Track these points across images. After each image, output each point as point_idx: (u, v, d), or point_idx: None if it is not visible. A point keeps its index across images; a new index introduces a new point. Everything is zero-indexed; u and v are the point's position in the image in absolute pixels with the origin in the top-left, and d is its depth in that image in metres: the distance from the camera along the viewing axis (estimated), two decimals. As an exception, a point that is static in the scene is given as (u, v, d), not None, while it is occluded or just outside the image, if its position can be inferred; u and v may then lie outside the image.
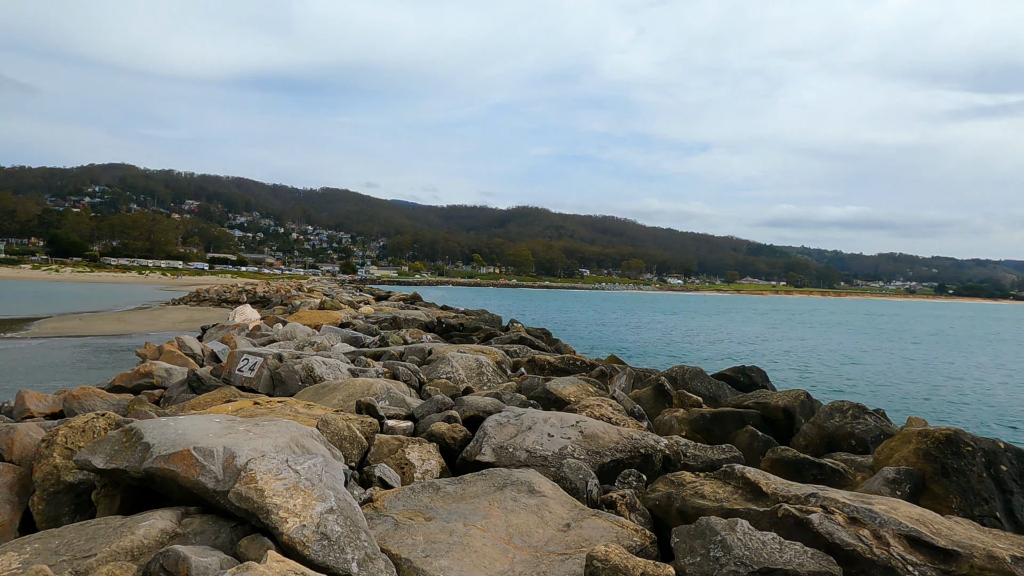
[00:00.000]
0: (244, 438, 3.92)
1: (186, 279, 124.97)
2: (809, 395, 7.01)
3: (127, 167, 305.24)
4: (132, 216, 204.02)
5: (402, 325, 17.43)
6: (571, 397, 7.00)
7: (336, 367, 8.06)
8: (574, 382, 7.47)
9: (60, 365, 19.55)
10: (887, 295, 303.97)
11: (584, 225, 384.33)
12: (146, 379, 8.82)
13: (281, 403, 5.73)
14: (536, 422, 5.10)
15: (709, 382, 8.41)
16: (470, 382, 8.86)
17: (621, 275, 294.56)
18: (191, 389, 8.41)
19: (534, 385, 7.94)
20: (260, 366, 7.74)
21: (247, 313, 16.95)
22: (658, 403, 7.68)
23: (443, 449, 5.11)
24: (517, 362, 10.54)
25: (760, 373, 9.15)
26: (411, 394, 7.69)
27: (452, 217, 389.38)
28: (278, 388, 7.78)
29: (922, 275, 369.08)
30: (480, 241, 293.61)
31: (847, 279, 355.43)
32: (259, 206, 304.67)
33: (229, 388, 7.76)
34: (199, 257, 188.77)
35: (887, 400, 18.82)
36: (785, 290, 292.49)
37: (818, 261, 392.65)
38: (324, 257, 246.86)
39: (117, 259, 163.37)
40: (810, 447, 6.17)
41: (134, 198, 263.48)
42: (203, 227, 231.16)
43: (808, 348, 36.26)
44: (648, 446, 4.97)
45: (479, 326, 17.11)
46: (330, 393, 6.97)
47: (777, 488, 3.96)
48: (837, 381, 22.59)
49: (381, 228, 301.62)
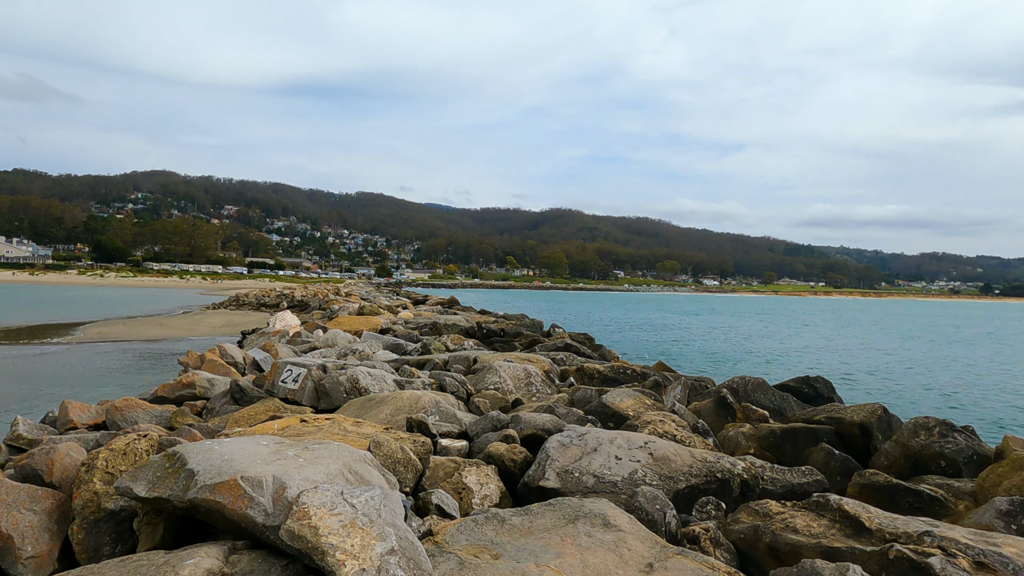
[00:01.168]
0: (294, 465, 3.62)
1: (225, 283, 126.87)
2: (886, 409, 6.52)
3: (168, 174, 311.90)
4: (173, 222, 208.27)
5: (442, 331, 17.17)
6: (630, 411, 6.62)
7: (381, 378, 7.78)
8: (630, 394, 7.08)
9: (104, 370, 19.72)
10: (930, 295, 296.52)
11: (618, 226, 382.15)
12: (188, 390, 8.65)
13: (329, 420, 5.44)
14: (601, 443, 4.73)
15: (773, 394, 7.94)
16: (518, 393, 8.52)
17: (656, 277, 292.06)
18: (233, 400, 8.21)
19: (588, 398, 7.57)
20: (304, 377, 7.49)
21: (287, 319, 16.84)
22: (720, 417, 7.25)
23: (502, 472, 4.77)
24: (565, 371, 10.17)
25: (826, 384, 8.63)
26: (459, 407, 7.37)
27: (485, 220, 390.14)
28: (322, 400, 7.53)
29: (966, 275, 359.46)
30: (513, 243, 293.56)
31: (888, 279, 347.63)
32: (296, 211, 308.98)
33: (272, 400, 7.53)
34: (238, 261, 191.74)
35: (957, 413, 17.93)
36: (824, 291, 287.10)
37: (858, 261, 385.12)
38: (360, 261, 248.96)
39: (159, 264, 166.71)
40: (893, 468, 5.70)
41: (175, 204, 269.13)
42: (242, 232, 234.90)
43: (861, 352, 35.21)
44: (725, 470, 4.57)
45: (521, 332, 16.78)
46: (377, 407, 6.69)
47: (882, 523, 3.54)
48: (908, 393, 21.57)
49: (415, 231, 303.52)
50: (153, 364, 21.64)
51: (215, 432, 6.83)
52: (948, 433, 5.69)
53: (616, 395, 6.95)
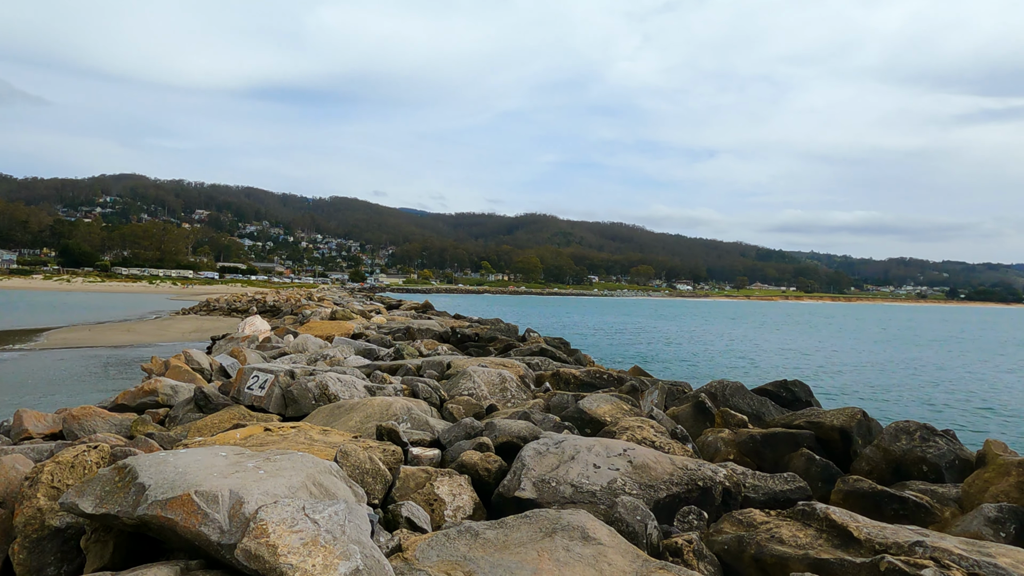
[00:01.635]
0: (253, 478, 3.40)
1: (196, 288, 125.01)
2: (866, 414, 6.43)
3: (138, 177, 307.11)
4: (143, 226, 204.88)
5: (416, 336, 16.91)
6: (607, 417, 6.46)
7: (351, 384, 7.55)
8: (607, 399, 6.92)
9: (66, 378, 19.15)
10: (898, 300, 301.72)
11: (592, 232, 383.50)
12: (151, 397, 8.32)
13: (295, 428, 5.20)
14: (579, 451, 4.56)
15: (751, 398, 7.83)
16: (493, 399, 8.33)
17: (630, 281, 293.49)
18: (198, 408, 7.91)
19: (564, 403, 7.40)
20: (271, 384, 7.23)
21: (257, 324, 16.44)
22: (699, 422, 7.12)
23: (475, 482, 4.57)
24: (540, 376, 10.00)
25: (804, 388, 8.56)
26: (432, 414, 7.16)
27: (460, 225, 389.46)
28: (290, 407, 7.27)
29: (933, 280, 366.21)
30: (488, 249, 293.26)
31: (857, 284, 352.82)
32: (269, 215, 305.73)
33: (238, 408, 7.25)
34: (209, 266, 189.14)
35: (934, 418, 18.07)
36: (795, 296, 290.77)
37: (828, 266, 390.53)
38: (333, 265, 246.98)
39: (128, 269, 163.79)
40: (875, 473, 5.60)
41: (145, 208, 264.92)
42: (213, 236, 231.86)
43: (824, 355, 35.54)
44: (706, 478, 4.42)
45: (495, 336, 16.59)
46: (346, 414, 6.46)
47: (871, 533, 3.40)
48: (881, 397, 21.67)
49: (390, 236, 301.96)
50: (119, 371, 21.07)
51: (176, 442, 6.55)
52: (929, 437, 5.62)
53: (593, 400, 6.79)
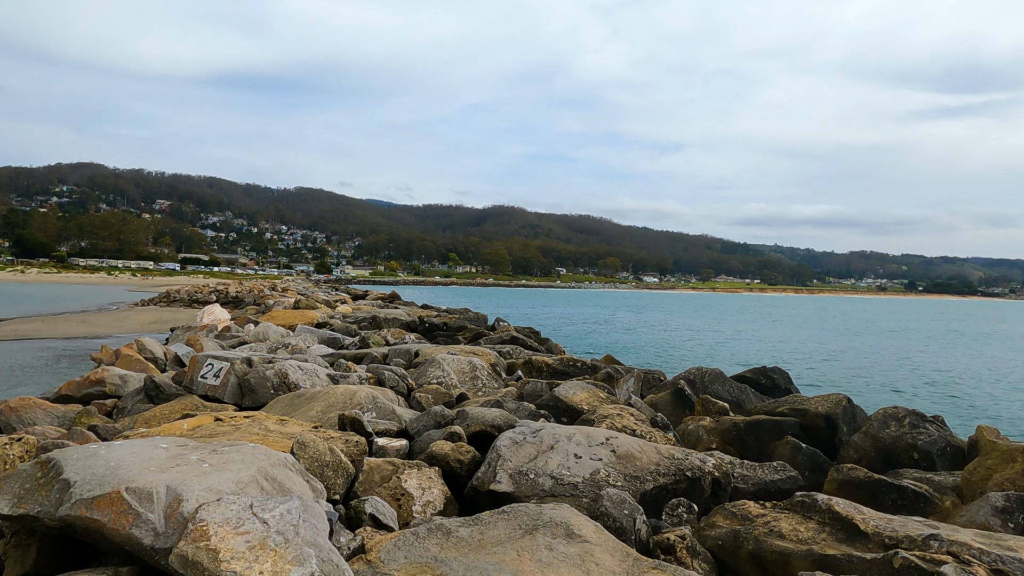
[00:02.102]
0: (196, 472, 3.00)
1: (157, 280, 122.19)
2: (851, 400, 6.22)
3: (96, 166, 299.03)
4: (101, 216, 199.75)
5: (383, 325, 16.45)
6: (584, 405, 6.14)
7: (313, 372, 7.13)
8: (584, 387, 6.61)
9: (14, 369, 18.31)
10: (859, 292, 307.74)
11: (560, 224, 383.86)
12: (97, 387, 7.80)
13: (249, 418, 4.78)
14: (559, 440, 4.23)
15: (731, 385, 7.59)
16: (463, 387, 7.97)
17: (597, 274, 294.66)
18: (148, 398, 7.43)
19: (538, 391, 7.07)
20: (226, 372, 6.77)
21: (216, 313, 15.80)
22: (678, 410, 6.85)
23: (447, 474, 4.22)
24: (512, 364, 9.67)
25: (783, 375, 8.34)
26: (399, 403, 6.78)
27: (427, 216, 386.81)
28: (247, 397, 6.83)
29: (892, 272, 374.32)
30: (456, 240, 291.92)
31: (820, 277, 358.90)
32: (232, 206, 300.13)
33: (191, 398, 6.80)
34: (170, 257, 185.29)
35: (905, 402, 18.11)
36: (759, 288, 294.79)
37: (791, 259, 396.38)
38: (298, 257, 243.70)
39: (86, 260, 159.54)
40: (863, 461, 5.37)
41: (103, 198, 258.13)
42: (175, 227, 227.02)
43: (798, 344, 35.83)
44: (695, 467, 4.12)
45: (464, 325, 16.22)
46: (307, 403, 6.05)
47: (879, 526, 3.13)
48: (858, 383, 21.69)
49: (356, 228, 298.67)
50: (71, 363, 20.25)
51: (119, 433, 6.08)
52: (919, 424, 5.40)
53: (569, 388, 6.47)
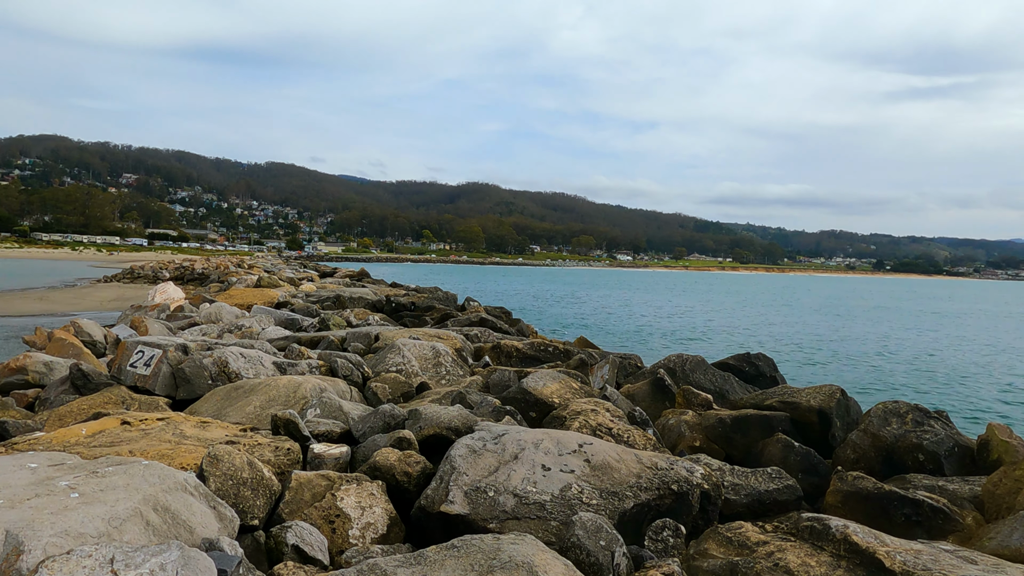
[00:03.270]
0: (57, 507, 2.36)
1: (123, 255, 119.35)
2: (844, 392, 5.71)
3: (60, 139, 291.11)
4: (65, 190, 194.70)
5: (347, 304, 15.72)
6: (555, 398, 5.55)
7: (258, 360, 6.46)
8: (555, 377, 6.03)
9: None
10: (828, 271, 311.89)
11: (534, 202, 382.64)
12: (19, 376, 7.05)
13: (163, 420, 4.10)
14: (524, 447, 3.64)
15: (713, 374, 7.05)
16: (425, 375, 7.36)
17: (571, 252, 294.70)
18: (75, 389, 6.70)
19: (505, 381, 6.48)
20: (158, 361, 6.07)
21: (169, 292, 14.94)
22: (657, 401, 6.30)
23: (392, 489, 3.61)
24: (479, 348, 9.07)
25: (768, 362, 7.81)
26: (351, 395, 6.14)
27: (401, 193, 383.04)
28: (182, 388, 6.14)
29: (861, 251, 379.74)
30: (430, 217, 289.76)
31: (790, 256, 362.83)
32: (201, 180, 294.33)
33: (118, 389, 6.09)
34: (138, 233, 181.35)
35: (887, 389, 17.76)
36: (731, 266, 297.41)
37: (762, 238, 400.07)
38: (270, 233, 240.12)
39: (49, 235, 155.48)
40: (862, 462, 4.86)
41: (67, 171, 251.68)
42: (142, 202, 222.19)
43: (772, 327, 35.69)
44: (681, 480, 3.56)
45: (432, 305, 15.56)
46: (245, 396, 5.39)
47: (907, 562, 2.59)
48: (837, 367, 21.35)
49: (328, 204, 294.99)
50: (19, 345, 19.26)
51: (33, 431, 5.38)
52: (924, 421, 4.91)
53: (539, 378, 5.88)
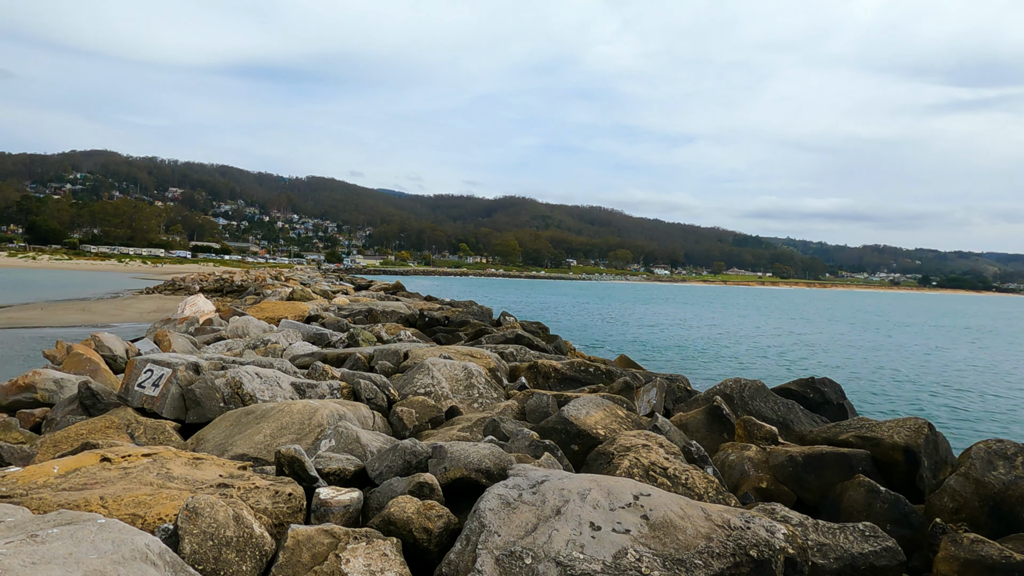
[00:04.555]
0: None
1: (166, 267, 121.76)
2: (932, 427, 4.99)
3: (109, 154, 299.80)
4: (113, 203, 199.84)
5: (379, 319, 15.27)
6: (600, 429, 4.93)
7: (275, 381, 5.95)
8: (598, 403, 5.41)
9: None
10: (872, 286, 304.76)
11: (571, 215, 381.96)
12: (27, 394, 6.67)
13: (149, 457, 3.57)
14: (568, 499, 3.03)
15: (775, 402, 6.35)
16: (456, 398, 6.78)
17: (608, 265, 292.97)
18: (83, 408, 6.28)
19: (543, 407, 5.86)
20: (167, 381, 5.61)
21: (198, 304, 14.65)
22: (713, 432, 5.62)
23: (409, 548, 3.04)
24: (515, 368, 8.47)
25: (834, 388, 7.05)
26: (374, 421, 5.59)
27: (438, 207, 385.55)
28: (192, 411, 5.66)
29: (906, 267, 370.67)
30: (467, 231, 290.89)
31: (832, 271, 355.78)
32: (244, 194, 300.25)
33: (124, 411, 5.64)
34: (182, 245, 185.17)
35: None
36: (771, 281, 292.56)
37: (803, 252, 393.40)
38: (310, 246, 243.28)
39: (97, 247, 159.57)
40: (964, 513, 4.15)
41: (116, 185, 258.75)
42: (187, 215, 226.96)
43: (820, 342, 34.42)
44: (760, 542, 2.92)
45: (467, 320, 15.02)
46: (256, 423, 4.88)
47: None
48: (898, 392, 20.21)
49: (367, 217, 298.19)
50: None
51: (29, 457, 4.94)
52: (1038, 465, 4.18)
53: (581, 406, 5.26)
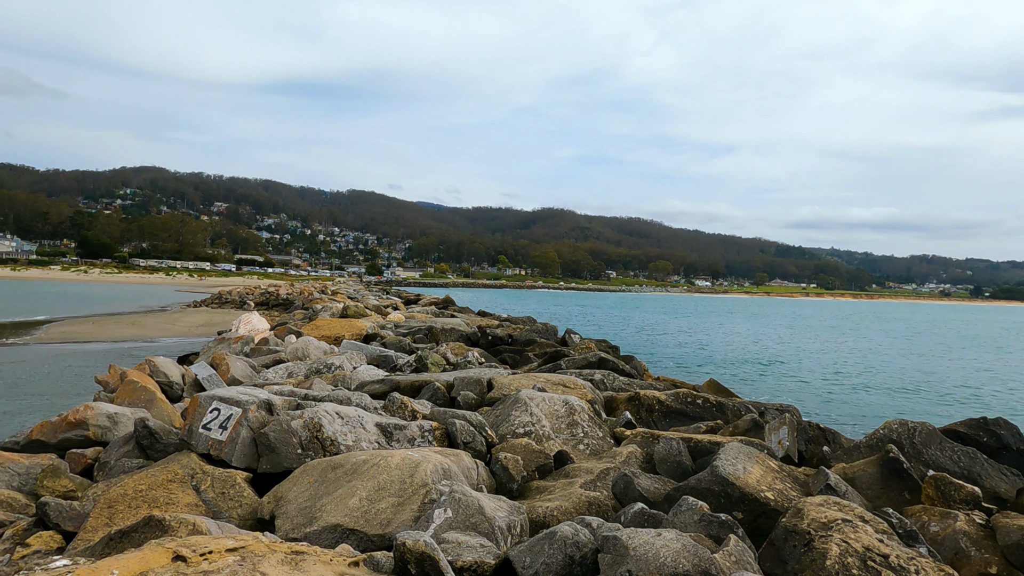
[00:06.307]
0: None
1: (212, 280, 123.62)
2: None
3: (157, 170, 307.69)
4: (161, 218, 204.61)
5: (439, 337, 14.45)
6: (768, 492, 3.97)
7: (358, 421, 5.11)
8: (749, 454, 4.45)
9: (47, 378, 17.01)
10: (921, 298, 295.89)
11: (610, 227, 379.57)
12: (78, 431, 5.94)
13: (235, 551, 2.73)
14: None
15: (952, 450, 5.28)
16: (558, 438, 5.86)
17: (648, 277, 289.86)
18: (140, 449, 5.52)
19: (674, 456, 4.90)
20: (236, 423, 4.80)
21: (253, 322, 14.00)
22: (890, 492, 4.60)
23: None
24: (610, 399, 7.53)
25: (1012, 430, 5.90)
26: (477, 473, 4.70)
27: (477, 219, 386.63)
28: (265, 459, 4.83)
29: (956, 277, 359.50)
30: (505, 243, 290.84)
31: (879, 281, 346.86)
32: (286, 208, 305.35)
33: (187, 457, 4.84)
34: (227, 259, 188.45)
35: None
36: (816, 292, 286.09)
37: (848, 263, 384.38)
38: (350, 259, 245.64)
39: (146, 260, 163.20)
40: None
41: (164, 200, 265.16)
42: (231, 229, 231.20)
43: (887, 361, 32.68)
44: None
45: (533, 339, 14.10)
46: (346, 482, 4.02)
47: None
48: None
49: (406, 230, 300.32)
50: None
51: (80, 518, 4.16)
52: None
53: (732, 458, 4.30)
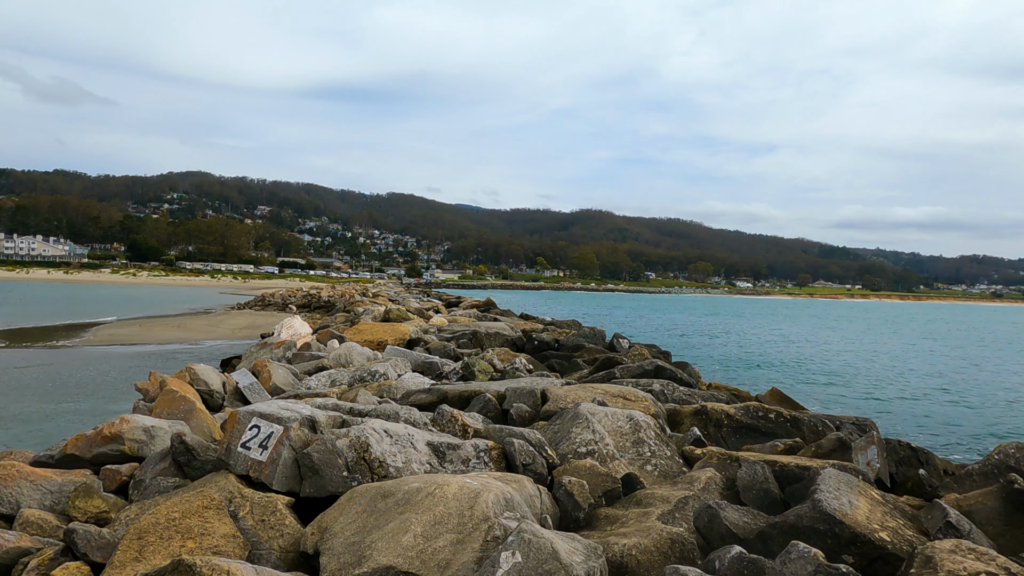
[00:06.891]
0: None
1: (255, 283, 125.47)
2: None
3: (203, 174, 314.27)
4: (207, 221, 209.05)
5: (484, 342, 14.01)
6: (881, 532, 3.43)
7: (408, 440, 4.68)
8: (850, 483, 3.91)
9: (95, 381, 17.12)
10: (972, 299, 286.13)
11: (648, 228, 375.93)
12: (113, 445, 5.62)
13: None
14: None
15: (1079, 478, 4.70)
16: (624, 458, 5.37)
17: (688, 278, 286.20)
18: (177, 467, 5.18)
19: (760, 483, 4.37)
20: (277, 442, 4.42)
21: (295, 327, 13.73)
22: (1014, 528, 4.01)
23: None
24: (673, 412, 7.00)
25: None
26: (540, 501, 4.23)
27: (515, 221, 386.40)
28: (308, 481, 4.43)
29: (1009, 278, 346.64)
30: (543, 244, 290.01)
31: (927, 282, 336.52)
32: (327, 211, 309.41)
33: (226, 479, 4.47)
34: (270, 261, 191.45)
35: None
36: (861, 294, 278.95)
37: (894, 263, 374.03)
38: (390, 261, 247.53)
39: (192, 263, 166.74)
40: None
41: (209, 204, 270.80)
42: (274, 232, 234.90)
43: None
44: None
45: (580, 344, 13.58)
46: (398, 514, 3.59)
47: None
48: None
49: (445, 232, 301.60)
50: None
51: (109, 547, 3.80)
52: None
53: (835, 489, 3.76)
